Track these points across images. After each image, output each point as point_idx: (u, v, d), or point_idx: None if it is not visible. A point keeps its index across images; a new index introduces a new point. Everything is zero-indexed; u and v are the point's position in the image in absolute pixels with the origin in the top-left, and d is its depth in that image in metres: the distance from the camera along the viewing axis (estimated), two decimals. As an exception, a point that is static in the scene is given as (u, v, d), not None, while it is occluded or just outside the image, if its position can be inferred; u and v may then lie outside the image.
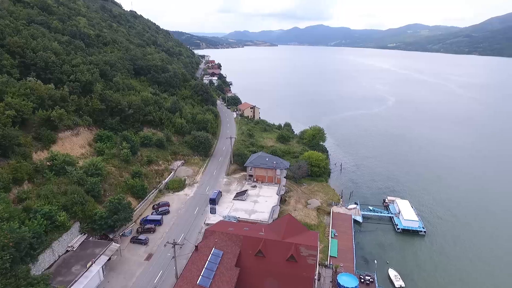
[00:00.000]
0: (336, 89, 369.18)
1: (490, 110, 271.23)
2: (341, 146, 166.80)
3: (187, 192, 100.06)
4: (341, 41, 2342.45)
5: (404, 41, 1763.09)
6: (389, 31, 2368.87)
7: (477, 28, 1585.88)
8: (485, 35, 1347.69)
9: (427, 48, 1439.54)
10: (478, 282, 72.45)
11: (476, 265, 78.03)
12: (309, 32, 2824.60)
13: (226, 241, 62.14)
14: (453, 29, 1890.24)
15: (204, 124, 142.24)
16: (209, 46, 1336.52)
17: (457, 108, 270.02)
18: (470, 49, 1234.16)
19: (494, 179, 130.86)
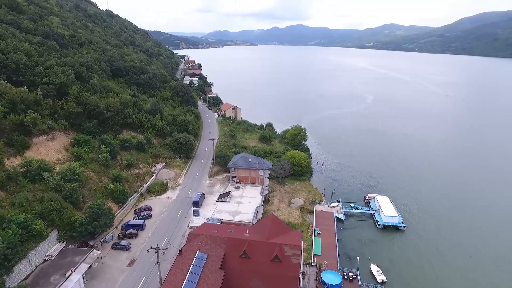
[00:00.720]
0: (316, 88, 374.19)
1: (463, 107, 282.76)
2: (322, 145, 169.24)
3: (169, 195, 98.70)
4: (320, 40, 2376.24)
5: (381, 40, 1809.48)
6: (366, 31, 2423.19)
7: (449, 28, 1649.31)
8: (457, 35, 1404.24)
9: (403, 47, 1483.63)
10: (457, 274, 75.31)
11: (454, 258, 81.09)
12: (289, 32, 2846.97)
13: (210, 244, 61.78)
14: (427, 29, 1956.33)
15: (186, 125, 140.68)
16: (188, 46, 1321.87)
17: (432, 105, 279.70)
18: (443, 48, 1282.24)
19: (470, 174, 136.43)
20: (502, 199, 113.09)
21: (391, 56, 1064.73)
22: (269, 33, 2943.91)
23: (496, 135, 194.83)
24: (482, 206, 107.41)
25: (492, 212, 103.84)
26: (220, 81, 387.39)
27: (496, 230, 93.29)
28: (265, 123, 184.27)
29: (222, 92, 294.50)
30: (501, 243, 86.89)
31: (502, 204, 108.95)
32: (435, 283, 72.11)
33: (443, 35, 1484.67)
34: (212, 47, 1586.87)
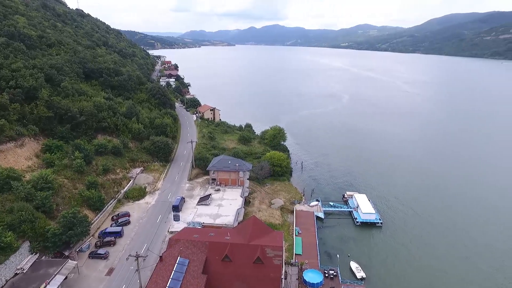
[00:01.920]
0: (294, 88, 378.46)
1: (433, 104, 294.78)
2: (301, 145, 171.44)
3: (148, 200, 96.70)
4: (296, 40, 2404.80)
5: (356, 40, 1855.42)
6: (341, 31, 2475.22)
7: (419, 29, 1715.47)
8: (426, 35, 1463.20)
9: (376, 47, 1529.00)
10: (432, 268, 78.45)
11: (429, 252, 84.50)
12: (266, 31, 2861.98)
13: (191, 248, 61.18)
14: (399, 29, 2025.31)
15: (163, 128, 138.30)
16: (164, 46, 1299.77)
17: (404, 103, 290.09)
18: (414, 48, 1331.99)
19: (443, 168, 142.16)
20: (475, 193, 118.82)
21: (365, 56, 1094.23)
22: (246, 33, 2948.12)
23: (465, 131, 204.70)
24: (456, 201, 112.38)
25: (466, 206, 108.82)
26: (197, 82, 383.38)
27: (470, 224, 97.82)
28: (244, 124, 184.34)
29: (200, 93, 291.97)
30: (475, 237, 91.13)
31: (475, 198, 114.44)
32: (411, 277, 74.83)
33: (413, 36, 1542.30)
34: (188, 47, 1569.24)
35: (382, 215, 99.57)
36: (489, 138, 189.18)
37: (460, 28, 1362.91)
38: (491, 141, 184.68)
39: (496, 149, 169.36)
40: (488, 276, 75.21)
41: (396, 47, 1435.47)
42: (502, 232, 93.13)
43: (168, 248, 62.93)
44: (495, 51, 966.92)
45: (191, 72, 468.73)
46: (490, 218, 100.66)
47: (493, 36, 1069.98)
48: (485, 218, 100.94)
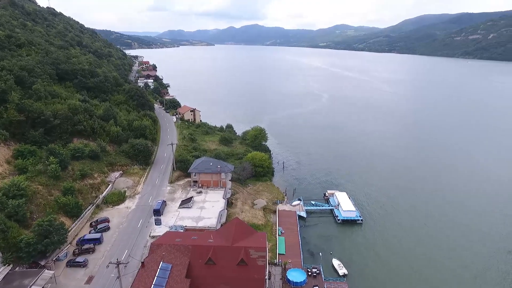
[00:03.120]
0: (274, 87, 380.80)
1: (409, 103, 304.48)
2: (282, 145, 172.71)
3: (128, 204, 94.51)
4: (276, 40, 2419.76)
5: (334, 40, 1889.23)
6: (319, 31, 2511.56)
7: (394, 29, 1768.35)
8: (401, 35, 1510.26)
9: (353, 47, 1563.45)
10: (411, 262, 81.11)
11: (408, 246, 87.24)
12: (245, 31, 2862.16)
13: (174, 253, 60.40)
14: (375, 29, 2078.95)
15: (142, 130, 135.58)
16: (142, 46, 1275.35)
17: (382, 102, 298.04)
18: (389, 48, 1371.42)
19: (419, 164, 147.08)
20: (452, 188, 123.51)
21: (344, 56, 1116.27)
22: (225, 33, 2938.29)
23: (439, 127, 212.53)
24: (434, 197, 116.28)
25: (443, 201, 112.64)
26: (177, 82, 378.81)
27: (447, 219, 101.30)
28: (225, 125, 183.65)
29: (180, 94, 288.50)
30: (453, 231, 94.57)
31: (453, 193, 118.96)
32: (391, 272, 77.07)
33: (389, 36, 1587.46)
34: (167, 47, 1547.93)
35: (362, 212, 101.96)
36: (462, 133, 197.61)
37: (433, 29, 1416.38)
38: (465, 136, 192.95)
39: (471, 144, 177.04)
40: (466, 268, 78.42)
41: (372, 47, 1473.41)
42: (478, 227, 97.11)
43: (150, 253, 61.84)
44: (465, 51, 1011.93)
45: (170, 73, 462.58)
46: (467, 212, 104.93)
47: (463, 36, 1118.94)
48: (462, 212, 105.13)
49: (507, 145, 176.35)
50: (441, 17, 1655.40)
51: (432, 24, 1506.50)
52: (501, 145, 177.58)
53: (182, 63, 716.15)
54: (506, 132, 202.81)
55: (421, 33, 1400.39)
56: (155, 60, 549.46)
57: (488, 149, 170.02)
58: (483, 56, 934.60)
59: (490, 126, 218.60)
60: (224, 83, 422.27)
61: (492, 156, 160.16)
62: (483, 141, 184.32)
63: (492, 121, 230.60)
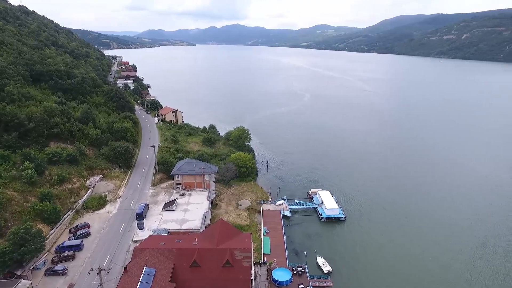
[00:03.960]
0: (257, 87, 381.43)
1: (388, 101, 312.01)
2: (265, 144, 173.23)
3: (109, 209, 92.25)
4: (257, 40, 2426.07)
5: (315, 40, 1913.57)
6: (300, 31, 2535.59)
7: (373, 29, 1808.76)
8: (379, 35, 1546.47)
9: (334, 46, 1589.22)
10: (394, 257, 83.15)
11: (391, 242, 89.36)
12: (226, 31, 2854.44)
13: (158, 257, 59.50)
14: (354, 29, 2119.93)
15: (123, 133, 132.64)
16: (121, 46, 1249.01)
17: (362, 101, 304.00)
18: (368, 48, 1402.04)
19: (401, 163, 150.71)
20: (432, 184, 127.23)
21: (324, 55, 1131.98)
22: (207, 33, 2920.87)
23: (418, 125, 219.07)
24: (415, 193, 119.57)
25: (424, 197, 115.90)
26: (158, 83, 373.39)
27: (428, 214, 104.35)
28: (208, 126, 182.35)
29: (161, 94, 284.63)
30: (434, 227, 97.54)
31: (433, 189, 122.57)
32: (375, 268, 78.75)
33: (368, 36, 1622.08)
34: (147, 47, 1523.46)
35: (345, 210, 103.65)
36: (440, 130, 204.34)
37: (410, 29, 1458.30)
38: (443, 133, 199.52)
39: (448, 141, 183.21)
40: (447, 263, 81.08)
41: (352, 46, 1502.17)
42: (457, 222, 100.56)
43: (133, 258, 60.69)
44: (440, 51, 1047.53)
45: (151, 73, 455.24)
46: (446, 208, 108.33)
47: (438, 36, 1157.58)
48: (441, 208, 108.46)
49: (484, 142, 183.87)
50: (417, 18, 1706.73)
51: (409, 25, 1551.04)
52: (478, 141, 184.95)
53: (163, 63, 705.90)
54: (483, 129, 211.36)
55: (398, 33, 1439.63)
56: (135, 60, 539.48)
57: (466, 146, 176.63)
58: (457, 55, 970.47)
59: (467, 123, 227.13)
60: (206, 83, 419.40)
61: (470, 152, 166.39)
62: (460, 138, 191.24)
63: (468, 119, 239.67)
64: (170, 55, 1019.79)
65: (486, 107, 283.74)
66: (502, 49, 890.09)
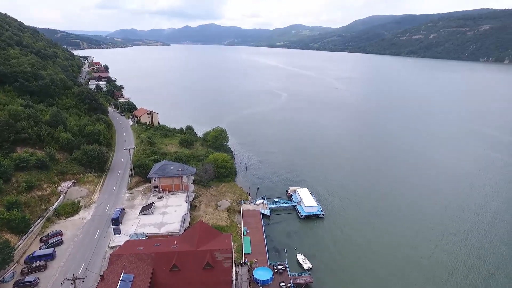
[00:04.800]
0: (233, 87, 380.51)
1: (361, 99, 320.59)
2: (244, 144, 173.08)
3: (83, 215, 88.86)
4: (233, 40, 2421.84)
5: (290, 40, 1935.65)
6: (276, 31, 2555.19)
7: (346, 29, 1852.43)
8: (352, 35, 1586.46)
9: (309, 46, 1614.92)
10: (372, 251, 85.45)
11: (368, 237, 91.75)
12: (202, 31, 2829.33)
13: (136, 262, 58.04)
14: (328, 29, 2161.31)
15: (96, 136, 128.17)
16: (91, 46, 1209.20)
17: (337, 99, 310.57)
18: (342, 47, 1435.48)
19: (376, 159, 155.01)
20: (403, 178, 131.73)
21: (300, 55, 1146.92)
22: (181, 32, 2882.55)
23: (391, 121, 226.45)
24: (390, 188, 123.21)
25: (400, 192, 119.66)
26: (132, 83, 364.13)
27: (401, 207, 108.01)
28: (185, 127, 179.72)
29: (136, 95, 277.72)
30: (408, 219, 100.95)
31: (408, 184, 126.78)
32: (353, 262, 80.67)
33: (341, 35, 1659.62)
34: (119, 47, 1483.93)
35: (324, 207, 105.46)
36: (411, 126, 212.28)
37: (381, 29, 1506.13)
38: (413, 128, 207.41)
39: (419, 135, 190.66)
40: (421, 254, 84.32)
41: (327, 46, 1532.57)
42: (429, 213, 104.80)
43: (109, 265, 58.79)
44: (410, 50, 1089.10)
45: (124, 74, 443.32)
46: (419, 202, 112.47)
47: (408, 36, 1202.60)
48: (415, 202, 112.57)
49: (449, 136, 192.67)
50: (388, 18, 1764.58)
51: (380, 25, 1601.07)
52: (444, 136, 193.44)
53: (137, 64, 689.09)
54: (448, 124, 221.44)
55: (370, 33, 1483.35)
56: (107, 61, 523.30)
57: (434, 141, 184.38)
58: (426, 54, 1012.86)
59: (433, 119, 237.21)
60: (182, 83, 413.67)
61: (439, 147, 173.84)
62: (429, 133, 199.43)
63: (434, 115, 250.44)
64: (144, 55, 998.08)
65: (450, 103, 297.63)
66: (466, 48, 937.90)
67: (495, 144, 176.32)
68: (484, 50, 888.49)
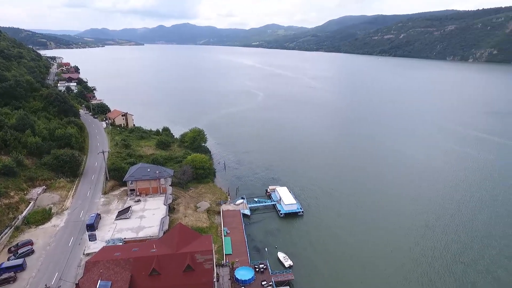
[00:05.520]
0: (210, 87, 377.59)
1: (336, 98, 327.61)
2: (222, 144, 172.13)
3: (55, 222, 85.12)
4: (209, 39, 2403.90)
5: (266, 39, 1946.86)
6: (251, 31, 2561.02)
7: (321, 29, 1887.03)
8: (327, 35, 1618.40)
9: (285, 46, 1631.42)
10: (351, 246, 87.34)
11: (347, 232, 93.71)
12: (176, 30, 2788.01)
13: (113, 268, 56.42)
14: (303, 29, 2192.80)
15: (67, 139, 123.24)
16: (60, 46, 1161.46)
17: (313, 98, 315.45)
18: (317, 47, 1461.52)
19: (353, 155, 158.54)
20: (379, 174, 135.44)
21: (276, 54, 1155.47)
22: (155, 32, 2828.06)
23: (365, 118, 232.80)
24: (368, 184, 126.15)
25: (377, 188, 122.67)
26: (104, 85, 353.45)
27: (378, 203, 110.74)
28: (161, 128, 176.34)
29: (109, 97, 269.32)
30: (384, 214, 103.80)
31: (380, 178, 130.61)
32: (333, 258, 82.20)
33: (316, 35, 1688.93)
34: (90, 47, 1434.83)
35: (303, 205, 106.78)
36: (386, 123, 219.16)
37: (354, 29, 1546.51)
38: (389, 125, 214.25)
39: (391, 130, 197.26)
40: (397, 246, 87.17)
41: (302, 45, 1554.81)
42: (404, 207, 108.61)
43: (85, 272, 56.76)
44: (382, 49, 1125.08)
45: (96, 75, 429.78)
46: (394, 195, 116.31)
47: (379, 36, 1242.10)
48: (390, 195, 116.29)
49: (419, 131, 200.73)
50: (360, 18, 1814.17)
51: (353, 25, 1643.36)
52: (414, 131, 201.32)
53: (110, 64, 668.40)
54: (421, 120, 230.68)
55: (344, 33, 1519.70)
56: (77, 61, 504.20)
57: (407, 136, 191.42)
58: (397, 53, 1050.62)
59: (407, 115, 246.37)
60: (158, 84, 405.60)
61: (411, 142, 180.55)
62: (401, 129, 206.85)
63: (408, 111, 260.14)
64: (117, 56, 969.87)
65: (421, 101, 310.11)
66: (434, 47, 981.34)
67: (461, 140, 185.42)
68: (450, 49, 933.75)
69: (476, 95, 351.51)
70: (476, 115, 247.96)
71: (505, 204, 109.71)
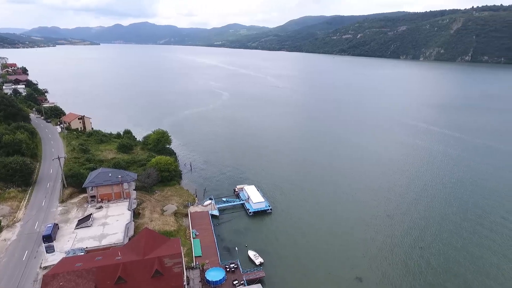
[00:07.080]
0: (172, 88, 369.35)
1: (298, 96, 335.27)
2: (187, 146, 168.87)
3: (6, 236, 78.40)
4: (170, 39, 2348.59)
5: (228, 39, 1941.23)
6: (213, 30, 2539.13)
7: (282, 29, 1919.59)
8: (288, 34, 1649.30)
9: (247, 45, 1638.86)
10: (318, 241, 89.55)
11: (315, 228, 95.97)
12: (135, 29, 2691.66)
13: (74, 280, 53.35)
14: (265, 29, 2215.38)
15: (16, 146, 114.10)
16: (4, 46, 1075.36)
17: (276, 96, 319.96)
18: (280, 46, 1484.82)
19: (319, 152, 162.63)
20: (343, 169, 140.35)
21: (239, 54, 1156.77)
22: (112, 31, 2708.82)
23: (327, 116, 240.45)
24: (333, 181, 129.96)
25: (340, 183, 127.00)
26: (57, 87, 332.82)
27: (343, 196, 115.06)
28: (122, 131, 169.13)
29: (63, 100, 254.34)
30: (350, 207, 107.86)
31: (344, 174, 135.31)
32: (302, 253, 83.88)
33: (278, 35, 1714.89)
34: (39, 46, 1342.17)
35: (271, 202, 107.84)
36: (348, 119, 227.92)
37: (314, 29, 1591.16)
38: (350, 120, 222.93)
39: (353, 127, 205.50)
40: (362, 237, 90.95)
41: (264, 45, 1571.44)
42: (373, 199, 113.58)
43: (43, 286, 52.96)
44: (341, 49, 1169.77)
45: (48, 77, 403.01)
46: (358, 189, 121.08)
47: (338, 36, 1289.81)
48: (354, 189, 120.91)
49: (378, 126, 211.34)
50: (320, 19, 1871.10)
51: (313, 25, 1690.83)
52: (374, 126, 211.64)
53: (63, 66, 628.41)
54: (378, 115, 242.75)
55: (304, 33, 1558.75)
56: (25, 62, 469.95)
57: (370, 132, 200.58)
58: (355, 53, 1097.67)
59: (365, 111, 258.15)
60: (117, 86, 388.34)
61: (371, 136, 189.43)
62: (364, 125, 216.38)
63: (366, 107, 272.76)
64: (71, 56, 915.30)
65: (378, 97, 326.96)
66: (388, 47, 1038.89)
67: (414, 132, 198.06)
68: (403, 48, 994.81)
69: (426, 90, 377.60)
70: (426, 109, 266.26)
71: (456, 190, 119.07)
